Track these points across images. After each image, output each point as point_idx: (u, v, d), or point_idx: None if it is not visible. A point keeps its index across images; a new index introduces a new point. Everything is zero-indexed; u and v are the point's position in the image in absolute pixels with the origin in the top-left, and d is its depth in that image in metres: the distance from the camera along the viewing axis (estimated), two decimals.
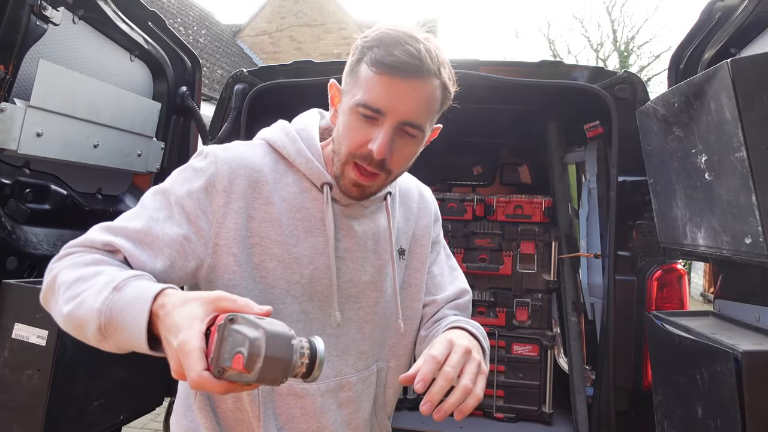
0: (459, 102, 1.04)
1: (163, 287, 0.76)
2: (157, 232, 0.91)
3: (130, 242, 0.89)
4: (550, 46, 19.69)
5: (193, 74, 2.40)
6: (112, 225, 0.92)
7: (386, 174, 0.97)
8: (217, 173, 0.95)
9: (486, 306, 2.75)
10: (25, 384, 1.48)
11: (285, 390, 0.99)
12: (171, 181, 0.98)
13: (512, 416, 2.64)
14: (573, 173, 3.37)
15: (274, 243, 0.98)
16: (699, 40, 1.85)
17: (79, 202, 1.95)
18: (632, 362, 2.04)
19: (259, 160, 1.00)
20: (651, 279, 2.02)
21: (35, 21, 1.58)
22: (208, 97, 8.46)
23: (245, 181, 0.97)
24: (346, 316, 1.05)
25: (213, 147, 1.00)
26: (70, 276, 0.83)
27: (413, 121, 0.93)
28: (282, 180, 1.01)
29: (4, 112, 1.55)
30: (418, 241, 1.18)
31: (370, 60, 0.91)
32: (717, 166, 1.46)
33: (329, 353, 1.03)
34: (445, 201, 2.86)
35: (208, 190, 0.95)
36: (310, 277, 1.00)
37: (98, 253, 0.88)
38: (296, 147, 1.03)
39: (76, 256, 0.87)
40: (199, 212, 0.93)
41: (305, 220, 1.01)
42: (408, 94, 0.91)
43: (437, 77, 0.93)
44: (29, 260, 1.71)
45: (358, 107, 0.92)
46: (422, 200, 1.22)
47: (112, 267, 0.84)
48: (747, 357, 1.25)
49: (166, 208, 0.94)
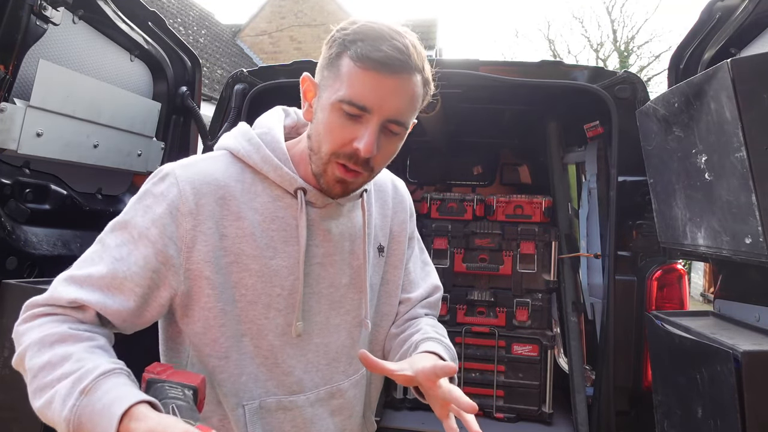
0: (459, 102, 1.04)
1: (130, 405, 0.72)
2: (124, 272, 0.87)
3: (98, 292, 0.86)
4: (550, 46, 19.70)
5: (193, 74, 2.40)
6: (76, 275, 0.88)
7: (369, 172, 0.94)
8: (180, 196, 0.90)
9: (486, 306, 2.75)
10: (25, 384, 1.48)
11: (273, 405, 0.97)
12: (131, 211, 0.92)
13: (512, 416, 2.64)
14: (573, 173, 3.37)
15: (251, 258, 0.94)
16: (699, 40, 1.85)
17: (79, 202, 1.95)
18: (632, 362, 2.04)
19: (223, 174, 0.95)
20: (651, 279, 2.02)
21: (35, 21, 1.58)
22: (208, 97, 8.47)
23: (211, 199, 0.92)
24: (333, 323, 1.04)
25: (170, 166, 0.94)
26: (37, 361, 0.81)
27: (399, 119, 0.90)
28: (251, 190, 0.96)
29: (4, 112, 1.55)
30: (395, 237, 1.16)
31: (355, 55, 0.86)
32: (717, 166, 1.45)
33: (319, 362, 1.02)
34: (445, 201, 2.87)
35: (173, 214, 0.89)
36: (291, 288, 0.97)
37: (65, 315, 0.85)
38: (261, 154, 0.97)
39: (42, 324, 0.84)
40: (166, 240, 0.89)
41: (281, 230, 0.96)
42: (395, 91, 0.88)
43: (421, 73, 0.91)
44: (29, 260, 1.71)
45: (342, 104, 0.87)
46: (397, 194, 1.19)
47: (79, 348, 0.81)
48: (747, 357, 1.25)
49: (129, 242, 0.89)
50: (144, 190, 0.93)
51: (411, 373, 0.90)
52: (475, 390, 2.69)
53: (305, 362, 1.00)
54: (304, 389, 1.00)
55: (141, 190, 0.94)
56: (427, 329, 1.09)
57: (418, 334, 1.07)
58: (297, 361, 0.99)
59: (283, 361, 0.97)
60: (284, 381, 0.98)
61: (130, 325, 0.92)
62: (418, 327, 1.11)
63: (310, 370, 1.01)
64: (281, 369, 0.97)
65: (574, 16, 28.53)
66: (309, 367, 1.00)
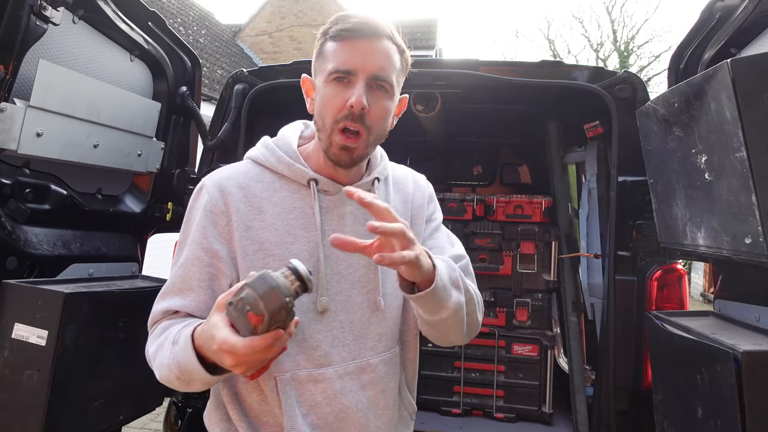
0: (459, 102, 1.07)
1: (194, 327, 0.95)
2: (188, 275, 1.06)
3: (176, 297, 1.06)
4: (550, 46, 19.71)
5: (193, 74, 2.40)
6: (162, 292, 1.09)
7: (367, 131, 1.04)
8: (210, 199, 1.08)
9: (486, 306, 2.74)
10: (25, 384, 1.48)
11: (304, 377, 1.06)
12: (184, 228, 1.12)
13: (512, 416, 2.64)
14: (573, 173, 3.37)
15: (274, 245, 1.07)
16: (699, 40, 1.85)
17: (79, 202, 1.95)
18: (632, 362, 2.03)
19: (245, 176, 1.12)
20: (651, 279, 2.02)
21: (35, 21, 1.58)
22: (208, 97, 8.46)
23: (237, 196, 1.08)
24: (355, 301, 1.11)
25: (204, 179, 1.12)
26: (152, 349, 1.05)
27: (381, 74, 1.03)
28: (270, 188, 1.11)
29: (4, 112, 1.55)
30: (414, 220, 1.23)
31: (332, 35, 1.04)
32: (717, 166, 1.45)
33: (345, 338, 1.09)
34: (445, 201, 2.86)
35: (209, 217, 1.07)
36: (313, 269, 1.06)
37: (164, 320, 1.07)
38: (276, 156, 1.13)
39: (153, 331, 1.08)
40: (210, 238, 1.06)
41: (299, 219, 1.09)
42: (371, 51, 1.03)
43: (391, 40, 1.06)
44: (29, 260, 1.71)
45: (331, 75, 1.03)
46: (417, 185, 1.29)
47: (174, 326, 1.03)
48: (747, 357, 1.25)
49: (186, 250, 1.08)
50: (189, 206, 1.13)
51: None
52: (475, 390, 2.69)
53: (332, 337, 1.08)
54: (332, 362, 1.08)
55: (188, 207, 1.14)
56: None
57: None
58: (323, 336, 1.08)
59: (310, 336, 1.07)
60: (312, 355, 1.07)
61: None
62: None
63: (336, 345, 1.09)
64: (309, 344, 1.07)
65: (574, 16, 28.61)
66: (336, 342, 1.09)
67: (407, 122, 3.07)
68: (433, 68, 2.33)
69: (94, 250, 2.00)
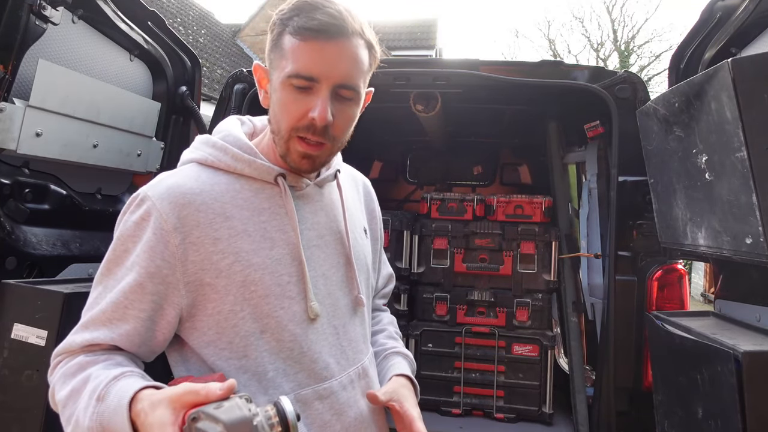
0: (459, 102, 1.05)
1: (136, 391, 0.78)
2: (124, 302, 0.89)
3: (103, 328, 0.89)
4: (550, 45, 19.72)
5: (193, 74, 2.40)
6: (84, 321, 0.91)
7: (331, 142, 0.95)
8: (160, 215, 0.90)
9: (486, 306, 2.74)
10: (25, 384, 1.48)
11: (309, 396, 0.97)
12: (119, 245, 0.92)
13: (512, 416, 2.64)
14: (573, 173, 3.37)
15: (251, 253, 0.94)
16: (699, 40, 1.85)
17: (79, 202, 1.95)
18: (632, 362, 2.03)
19: (196, 182, 0.95)
20: (651, 279, 2.02)
21: (34, 21, 1.58)
22: (208, 97, 8.46)
23: (192, 209, 0.92)
24: (342, 303, 1.05)
25: (142, 190, 0.94)
26: (63, 393, 0.86)
27: (347, 83, 0.92)
28: (230, 190, 0.97)
29: (4, 111, 1.55)
30: (372, 217, 1.26)
31: (293, 29, 0.90)
32: (717, 166, 1.45)
33: (340, 343, 1.03)
34: (445, 201, 2.86)
35: (158, 235, 0.89)
36: (297, 273, 0.97)
37: (81, 354, 0.89)
38: (230, 154, 0.99)
39: (63, 367, 0.89)
40: (158, 261, 0.89)
41: (272, 220, 0.98)
42: (338, 56, 0.90)
43: (361, 36, 0.93)
44: (29, 260, 1.71)
45: (290, 79, 0.90)
46: (365, 185, 1.29)
47: (94, 368, 0.86)
48: (748, 357, 1.25)
49: (124, 273, 0.90)
50: (124, 220, 0.93)
51: (398, 407, 1.04)
52: (475, 390, 2.69)
53: (329, 345, 1.00)
54: (334, 374, 1.00)
55: (122, 221, 0.94)
56: (390, 329, 1.28)
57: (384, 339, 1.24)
58: (320, 347, 0.99)
59: (308, 348, 0.97)
60: (314, 369, 0.98)
61: (147, 349, 0.93)
62: (382, 326, 1.28)
63: (335, 353, 1.01)
64: (308, 357, 0.97)
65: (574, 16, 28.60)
66: (333, 350, 1.01)
67: (407, 122, 3.09)
68: (433, 68, 2.33)
69: (94, 250, 2.00)
